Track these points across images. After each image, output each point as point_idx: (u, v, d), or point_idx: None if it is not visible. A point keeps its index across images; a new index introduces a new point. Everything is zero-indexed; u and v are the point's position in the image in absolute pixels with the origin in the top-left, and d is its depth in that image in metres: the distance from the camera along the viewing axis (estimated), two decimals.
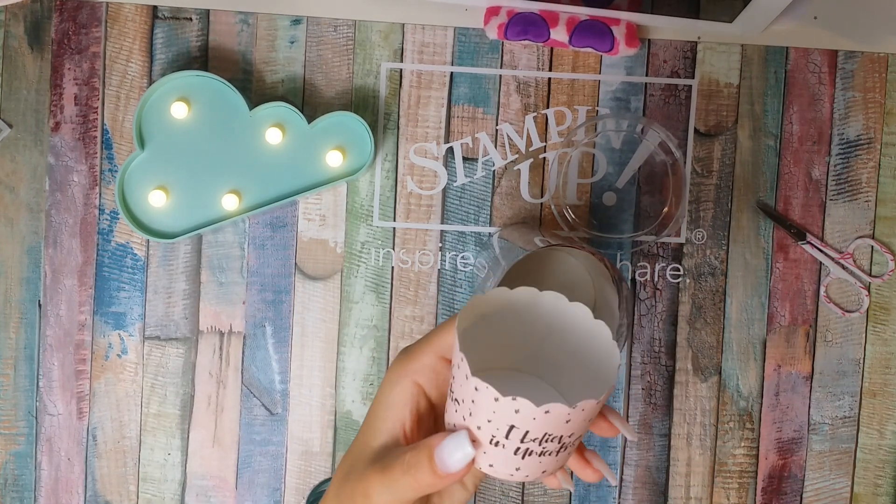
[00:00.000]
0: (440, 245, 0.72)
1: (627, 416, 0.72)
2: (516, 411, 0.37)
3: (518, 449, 0.39)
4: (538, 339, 0.44)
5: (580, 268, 0.67)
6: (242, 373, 0.72)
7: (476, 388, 0.38)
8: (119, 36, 0.71)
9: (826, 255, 0.72)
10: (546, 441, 0.38)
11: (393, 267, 0.72)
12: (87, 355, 0.71)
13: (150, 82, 0.71)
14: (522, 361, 0.46)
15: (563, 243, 0.59)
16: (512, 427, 0.38)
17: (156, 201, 0.69)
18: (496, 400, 0.37)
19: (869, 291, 0.72)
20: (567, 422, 0.38)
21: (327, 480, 0.71)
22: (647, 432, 0.72)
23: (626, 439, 0.72)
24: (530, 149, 0.72)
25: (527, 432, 0.38)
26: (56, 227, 0.71)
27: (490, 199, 0.72)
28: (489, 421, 0.38)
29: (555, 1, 0.67)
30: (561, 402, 0.42)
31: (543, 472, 0.40)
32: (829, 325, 0.72)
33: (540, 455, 0.39)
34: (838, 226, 0.72)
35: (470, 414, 0.39)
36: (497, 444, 0.39)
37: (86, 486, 0.72)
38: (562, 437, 0.38)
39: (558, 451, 0.39)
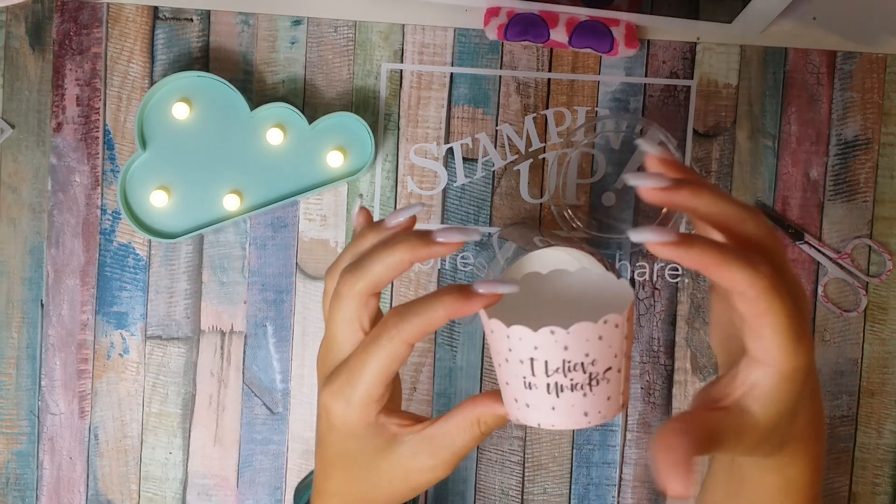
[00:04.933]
0: None
1: (626, 416, 0.73)
2: (520, 339, 0.37)
3: (549, 385, 0.38)
4: (570, 308, 0.44)
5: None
6: (244, 372, 0.72)
7: (493, 331, 0.38)
8: (120, 37, 0.71)
9: (824, 255, 0.72)
10: (569, 370, 0.38)
11: None
12: (88, 355, 0.72)
13: (152, 83, 0.71)
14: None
15: (562, 243, 0.60)
16: (532, 360, 0.38)
17: (157, 201, 0.69)
18: (507, 337, 0.38)
19: (867, 291, 0.72)
20: (586, 341, 0.37)
21: (308, 476, 0.71)
22: (646, 431, 0.73)
23: (625, 439, 0.73)
24: (530, 149, 0.72)
25: (546, 362, 0.38)
26: (58, 228, 0.71)
27: (490, 200, 0.72)
28: (507, 360, 0.38)
29: (555, 1, 0.68)
30: None
31: (585, 413, 0.39)
32: (826, 324, 0.73)
33: (572, 390, 0.38)
34: (836, 226, 0.72)
35: (500, 365, 0.39)
36: (529, 385, 0.39)
37: (87, 485, 0.72)
38: (583, 363, 0.38)
39: (589, 384, 0.38)
